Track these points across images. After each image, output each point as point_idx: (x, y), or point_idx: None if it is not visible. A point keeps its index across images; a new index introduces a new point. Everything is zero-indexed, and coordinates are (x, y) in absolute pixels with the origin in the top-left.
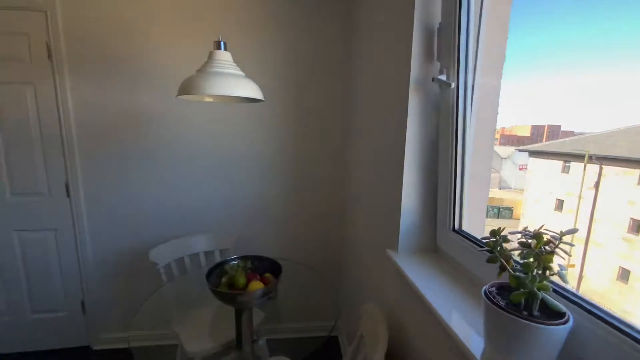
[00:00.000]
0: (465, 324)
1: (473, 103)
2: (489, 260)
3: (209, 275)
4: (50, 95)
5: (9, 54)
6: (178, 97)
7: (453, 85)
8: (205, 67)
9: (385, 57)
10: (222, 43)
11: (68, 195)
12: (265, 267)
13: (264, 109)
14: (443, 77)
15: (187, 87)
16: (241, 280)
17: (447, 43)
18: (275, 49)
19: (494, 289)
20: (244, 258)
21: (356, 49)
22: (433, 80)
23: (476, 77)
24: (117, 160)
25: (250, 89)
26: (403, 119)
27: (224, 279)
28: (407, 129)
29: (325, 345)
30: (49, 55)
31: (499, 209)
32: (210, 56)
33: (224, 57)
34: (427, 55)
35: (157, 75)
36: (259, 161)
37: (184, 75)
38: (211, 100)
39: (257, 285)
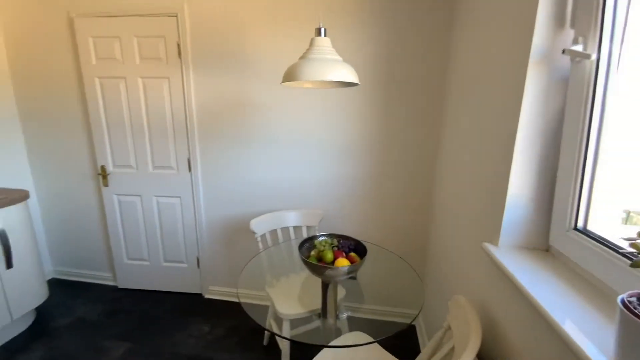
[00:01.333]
0: (583, 335)
1: (618, 80)
2: (634, 265)
3: (300, 247)
4: (179, 87)
5: (152, 54)
6: (282, 84)
7: (593, 57)
8: (307, 53)
9: (498, 25)
10: (322, 29)
11: (190, 170)
12: (350, 246)
13: (354, 94)
14: (579, 48)
15: (291, 74)
16: (329, 255)
17: (588, 3)
18: (366, 30)
19: (634, 299)
20: (330, 236)
21: (458, 20)
22: (564, 52)
23: (624, 47)
24: (227, 142)
25: (348, 74)
26: (517, 99)
27: (312, 252)
28: (522, 111)
29: (401, 333)
30: (179, 53)
31: (628, 213)
32: (312, 43)
33: (324, 43)
34: (557, 20)
35: (261, 66)
36: (349, 146)
37: (284, 64)
38: (310, 86)
39: (343, 262)
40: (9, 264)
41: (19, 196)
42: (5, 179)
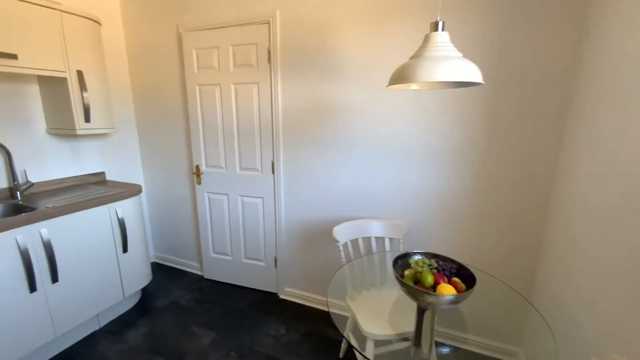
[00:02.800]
0: None
1: None
2: None
3: (394, 264)
4: (267, 92)
5: (244, 61)
6: (388, 87)
7: None
8: (422, 51)
9: None
10: (440, 23)
11: (273, 172)
12: (452, 270)
13: (455, 95)
14: None
15: (405, 76)
16: (429, 278)
17: None
18: (474, 20)
19: None
20: (426, 254)
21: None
22: None
23: None
24: (310, 145)
25: (475, 73)
26: None
27: (407, 272)
28: None
29: None
30: (269, 59)
31: None
32: (427, 39)
33: (441, 38)
34: None
35: (350, 67)
36: (443, 153)
37: (374, 65)
38: (418, 87)
39: (448, 290)
40: (125, 249)
41: (134, 190)
42: (125, 175)
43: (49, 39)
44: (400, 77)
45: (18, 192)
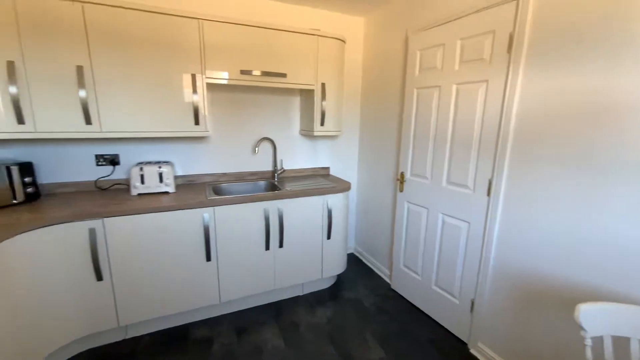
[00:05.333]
0: None
1: None
2: None
3: None
4: (498, 91)
5: (474, 56)
6: None
7: None
8: None
9: None
10: None
11: (488, 193)
12: None
13: None
14: None
15: None
16: None
17: None
18: None
19: None
20: None
21: None
22: None
23: None
24: (554, 163)
25: None
26: None
27: None
28: None
29: None
30: (509, 48)
31: None
32: None
33: None
34: None
35: None
36: None
37: None
38: None
39: None
40: (329, 236)
41: (344, 187)
42: (343, 171)
43: (306, 59)
44: None
45: (276, 175)
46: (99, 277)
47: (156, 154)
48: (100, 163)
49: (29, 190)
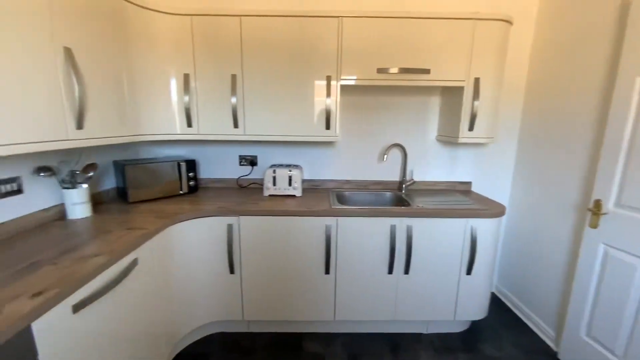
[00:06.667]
0: None
1: None
2: None
3: None
4: None
5: None
6: None
7: None
8: None
9: None
10: None
11: None
12: None
13: None
14: None
15: None
16: None
17: None
18: None
19: None
20: None
21: None
22: None
23: None
24: None
25: None
26: None
27: None
28: None
29: None
30: None
31: None
32: None
33: None
34: None
35: None
36: None
37: None
38: None
39: None
40: (469, 271)
41: (497, 211)
42: (490, 189)
43: (456, 50)
44: None
45: (403, 186)
46: (232, 270)
47: (287, 157)
48: (242, 163)
49: (191, 183)
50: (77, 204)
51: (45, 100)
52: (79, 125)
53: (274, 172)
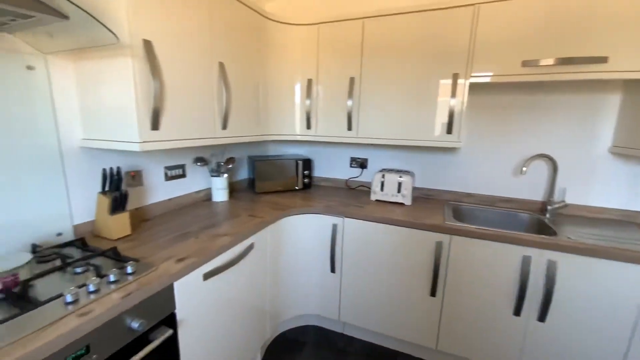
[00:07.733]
0: None
1: None
2: None
3: None
4: None
5: None
6: None
7: None
8: None
9: None
10: None
11: None
12: None
13: None
14: None
15: None
16: None
17: None
18: None
19: None
20: None
21: None
22: None
23: None
24: None
25: None
26: None
27: None
28: None
29: None
30: None
31: None
32: None
33: None
34: None
35: None
36: None
37: None
38: None
39: None
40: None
41: None
42: None
43: None
44: None
45: (548, 208)
46: (333, 269)
47: (399, 161)
48: (352, 165)
49: (306, 180)
50: (220, 189)
51: (204, 106)
52: (224, 126)
53: (383, 176)
